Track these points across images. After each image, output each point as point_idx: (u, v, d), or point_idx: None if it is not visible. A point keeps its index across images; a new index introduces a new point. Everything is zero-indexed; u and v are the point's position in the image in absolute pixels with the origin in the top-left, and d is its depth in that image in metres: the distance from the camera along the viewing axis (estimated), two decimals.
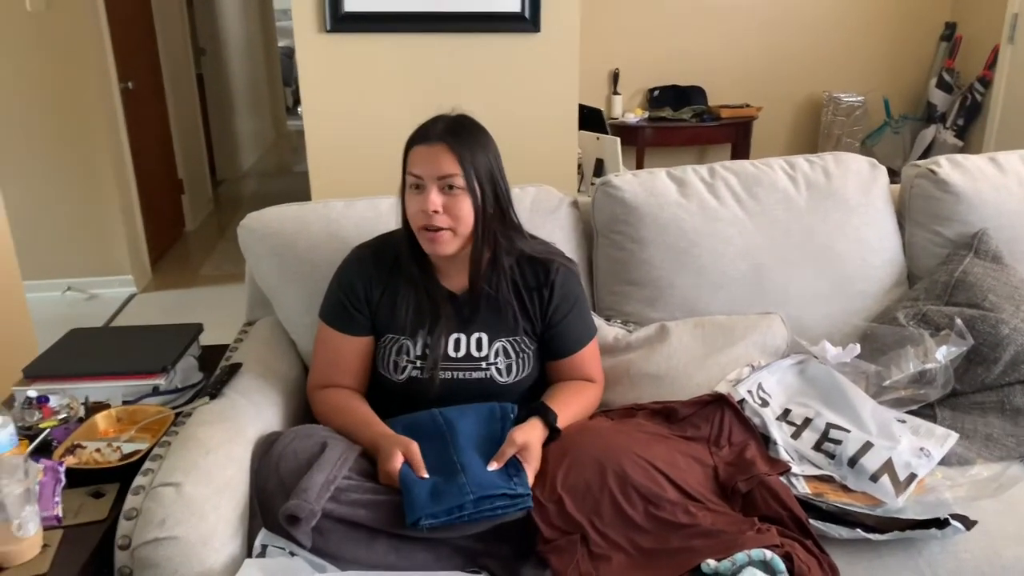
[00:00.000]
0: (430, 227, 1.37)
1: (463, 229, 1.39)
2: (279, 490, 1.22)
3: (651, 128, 4.55)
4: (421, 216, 1.38)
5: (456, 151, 1.36)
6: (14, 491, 1.08)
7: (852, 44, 4.79)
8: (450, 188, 1.37)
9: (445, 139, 1.37)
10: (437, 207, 1.36)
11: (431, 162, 1.36)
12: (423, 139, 1.39)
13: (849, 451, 1.40)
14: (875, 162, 1.91)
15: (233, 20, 6.74)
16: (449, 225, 1.37)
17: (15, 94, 3.65)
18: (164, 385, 1.55)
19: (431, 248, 1.41)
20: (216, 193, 6.11)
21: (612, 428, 1.43)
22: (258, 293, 1.77)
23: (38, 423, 1.41)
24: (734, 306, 1.76)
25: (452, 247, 1.40)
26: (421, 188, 1.38)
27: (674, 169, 1.86)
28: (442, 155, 1.36)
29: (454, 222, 1.38)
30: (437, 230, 1.37)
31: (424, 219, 1.37)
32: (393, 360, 1.47)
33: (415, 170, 1.38)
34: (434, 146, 1.37)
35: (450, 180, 1.36)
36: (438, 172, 1.36)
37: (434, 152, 1.37)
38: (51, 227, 3.89)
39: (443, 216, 1.37)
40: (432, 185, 1.36)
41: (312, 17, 2.65)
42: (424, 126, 1.42)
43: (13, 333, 2.49)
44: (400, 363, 1.46)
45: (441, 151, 1.36)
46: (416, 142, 1.40)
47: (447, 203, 1.37)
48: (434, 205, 1.36)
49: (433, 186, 1.36)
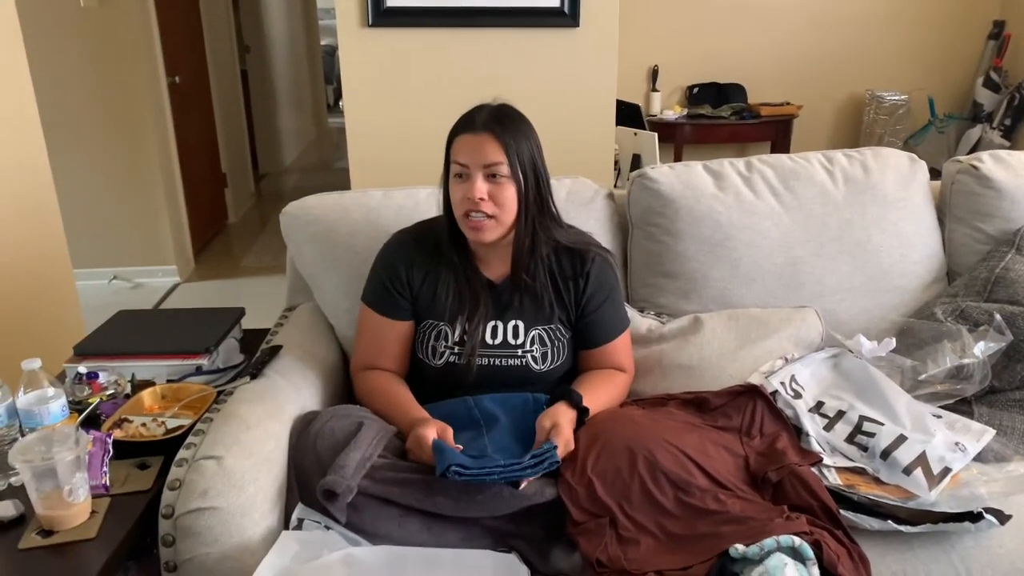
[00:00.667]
0: (474, 214, 1.39)
1: (506, 217, 1.41)
2: (316, 466, 1.26)
3: (690, 125, 4.54)
4: (465, 203, 1.40)
5: (501, 140, 1.38)
6: (66, 458, 1.13)
7: (896, 42, 4.72)
8: (494, 176, 1.39)
9: (490, 127, 1.39)
10: (483, 195, 1.38)
11: (476, 151, 1.38)
12: (468, 128, 1.41)
13: (882, 444, 1.39)
14: (915, 157, 1.89)
15: (277, 18, 6.85)
16: (493, 212, 1.39)
17: (67, 87, 3.76)
18: (207, 365, 1.60)
19: (474, 235, 1.43)
20: (258, 187, 6.22)
21: (643, 416, 1.44)
22: (299, 279, 1.81)
23: (87, 398, 1.47)
24: (769, 299, 1.76)
25: (495, 234, 1.42)
26: (466, 176, 1.40)
27: (711, 162, 1.86)
28: (487, 143, 1.38)
29: (498, 209, 1.40)
30: (481, 217, 1.39)
31: (468, 206, 1.39)
32: (431, 345, 1.49)
33: (460, 158, 1.40)
34: (479, 135, 1.39)
35: (495, 168, 1.38)
36: (483, 160, 1.38)
37: (479, 141, 1.39)
38: (99, 217, 4.00)
39: (488, 203, 1.39)
40: (477, 173, 1.38)
41: (355, 12, 2.69)
42: (468, 115, 1.44)
43: (63, 317, 2.57)
44: (438, 348, 1.49)
45: (486, 140, 1.38)
46: (461, 131, 1.42)
47: (491, 191, 1.39)
48: (479, 193, 1.38)
49: (478, 174, 1.38)
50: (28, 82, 2.44)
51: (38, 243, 2.46)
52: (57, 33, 3.67)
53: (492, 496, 1.25)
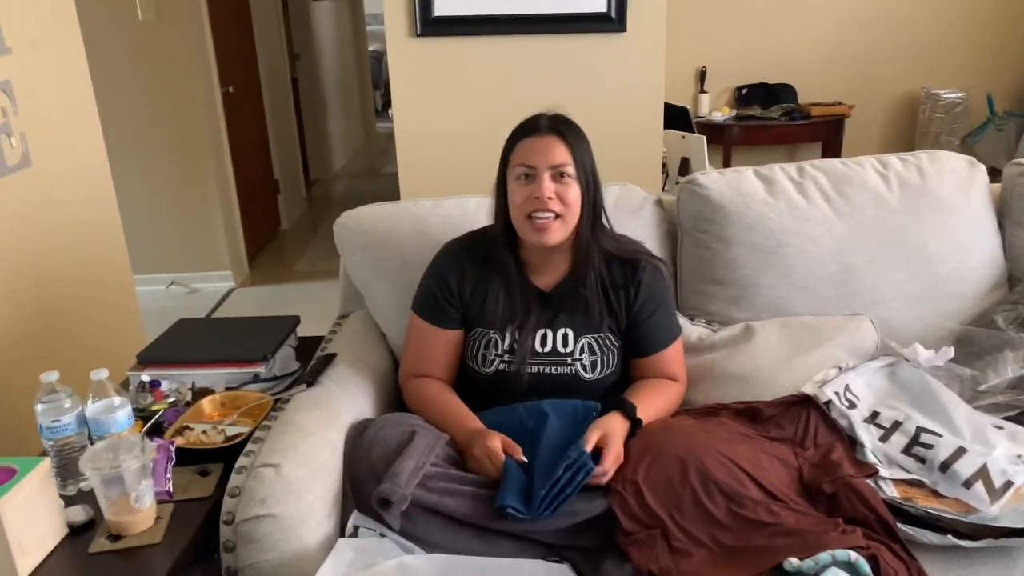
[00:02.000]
0: (540, 214, 1.40)
1: (571, 218, 1.43)
2: (370, 474, 1.28)
3: (739, 127, 4.49)
4: (531, 204, 1.41)
5: (567, 141, 1.42)
6: (132, 465, 1.17)
7: (952, 38, 4.59)
8: (561, 176, 1.41)
9: (556, 130, 1.43)
10: (551, 193, 1.40)
11: (544, 151, 1.41)
12: (532, 131, 1.44)
13: (941, 456, 1.37)
14: (973, 160, 1.85)
15: (326, 26, 6.96)
16: (560, 211, 1.41)
17: (126, 96, 3.88)
18: (264, 373, 1.64)
19: (538, 237, 1.43)
20: (309, 193, 6.33)
21: (695, 426, 1.43)
22: (351, 287, 1.85)
23: (150, 405, 1.52)
24: (821, 307, 1.73)
25: (559, 236, 1.44)
26: (532, 177, 1.42)
27: (761, 168, 1.84)
28: (554, 144, 1.41)
29: (565, 209, 1.42)
30: (548, 217, 1.40)
31: (535, 206, 1.41)
32: (481, 353, 1.51)
33: (526, 160, 1.42)
34: (546, 136, 1.42)
35: (562, 168, 1.41)
36: (551, 160, 1.40)
37: (546, 142, 1.41)
38: (157, 224, 4.12)
39: (555, 202, 1.40)
40: (545, 173, 1.40)
41: (403, 22, 2.73)
42: (529, 121, 1.46)
43: (125, 322, 2.66)
44: (488, 356, 1.50)
45: (553, 141, 1.41)
46: (523, 135, 1.45)
47: (558, 190, 1.41)
48: (548, 191, 1.40)
49: (546, 174, 1.40)
50: (90, 94, 2.53)
51: (101, 251, 2.55)
52: (117, 46, 3.79)
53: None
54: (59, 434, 1.28)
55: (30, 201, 2.17)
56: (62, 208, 2.33)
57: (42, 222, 2.22)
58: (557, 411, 1.43)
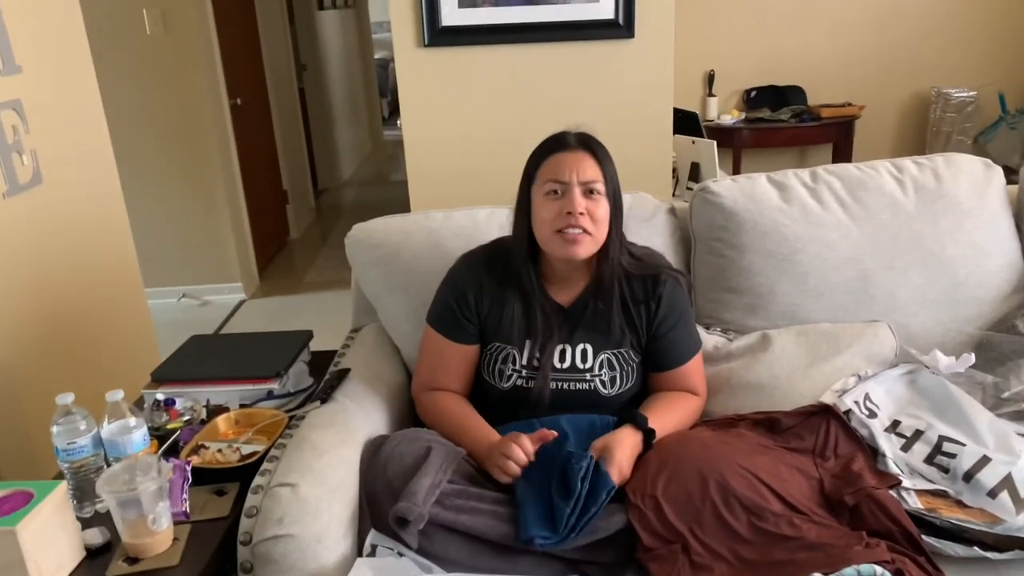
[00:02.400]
0: (572, 230, 1.40)
1: (600, 234, 1.43)
2: (387, 492, 1.27)
3: (748, 130, 4.47)
4: (562, 219, 1.40)
5: (597, 157, 1.42)
6: (149, 488, 1.17)
7: (962, 36, 4.56)
8: (591, 192, 1.41)
9: (586, 146, 1.43)
10: (583, 208, 1.39)
11: (574, 167, 1.41)
12: (561, 147, 1.44)
13: (964, 465, 1.35)
14: (989, 162, 1.83)
15: (332, 35, 6.98)
16: (590, 228, 1.40)
17: (135, 111, 3.89)
18: (278, 389, 1.63)
19: (568, 250, 1.42)
20: (318, 202, 6.34)
21: (713, 438, 1.42)
22: (363, 300, 1.84)
23: (165, 424, 1.52)
24: (838, 314, 1.72)
25: (589, 250, 1.43)
26: (562, 192, 1.41)
27: (775, 174, 1.83)
28: (585, 160, 1.41)
29: (595, 226, 1.41)
30: (579, 232, 1.40)
31: (567, 221, 1.40)
32: (499, 368, 1.50)
33: (557, 176, 1.41)
34: (576, 152, 1.42)
35: (593, 185, 1.41)
36: (583, 176, 1.40)
37: (577, 158, 1.41)
38: (167, 237, 4.13)
39: (585, 218, 1.40)
40: (575, 188, 1.40)
41: (410, 33, 2.73)
42: (555, 137, 1.46)
43: (138, 337, 2.66)
44: (505, 371, 1.49)
45: (583, 157, 1.42)
46: (552, 151, 1.44)
47: (588, 207, 1.40)
48: (580, 207, 1.39)
49: (576, 189, 1.40)
50: (100, 110, 2.54)
51: (113, 267, 2.55)
52: (125, 59, 3.81)
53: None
54: (75, 456, 1.28)
55: (42, 218, 2.18)
56: (74, 225, 2.33)
57: (54, 239, 2.23)
58: (574, 426, 1.42)
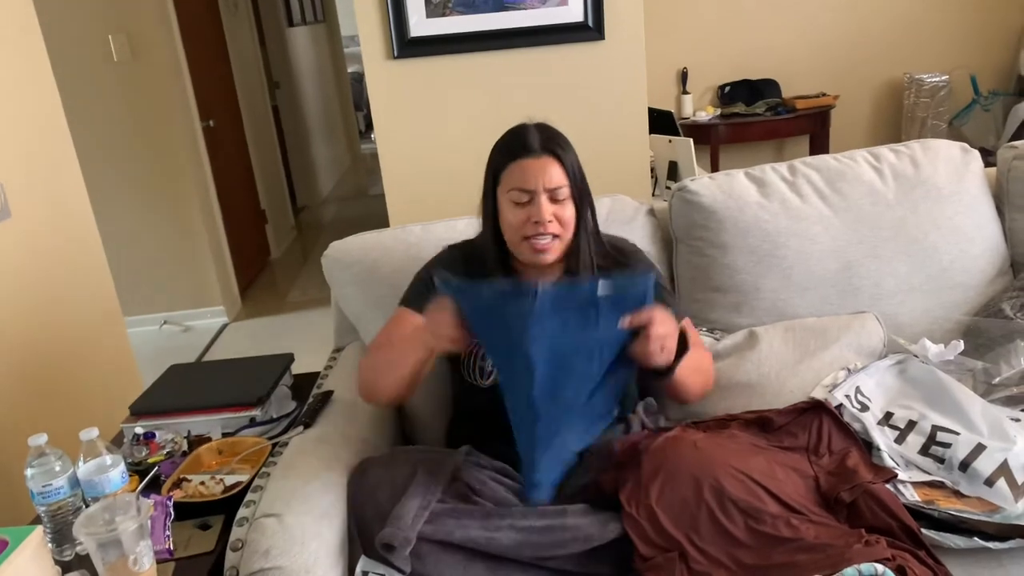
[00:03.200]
0: (540, 238, 1.38)
1: (567, 235, 1.42)
2: (376, 516, 1.24)
3: (724, 125, 4.47)
4: (530, 227, 1.38)
5: (561, 161, 1.39)
6: (129, 527, 1.13)
7: (932, 21, 4.59)
8: (557, 199, 1.39)
9: (549, 149, 1.39)
10: (550, 216, 1.38)
11: (540, 175, 1.38)
12: (524, 152, 1.39)
13: (960, 454, 1.33)
14: (967, 147, 1.82)
15: (304, 52, 6.95)
16: (558, 232, 1.39)
17: (106, 138, 3.84)
18: (260, 416, 1.60)
19: (536, 257, 1.41)
20: (298, 220, 6.30)
21: (705, 440, 1.39)
22: (344, 320, 1.81)
23: (146, 458, 1.48)
24: (824, 307, 1.70)
25: (557, 254, 1.42)
26: (528, 201, 1.39)
27: (752, 169, 1.81)
28: (550, 166, 1.38)
29: (562, 229, 1.40)
30: (548, 239, 1.39)
31: (535, 229, 1.38)
32: (479, 365, 1.48)
33: (522, 184, 1.38)
34: (541, 158, 1.39)
35: (559, 192, 1.38)
36: (549, 184, 1.38)
37: (541, 164, 1.38)
38: (146, 264, 4.07)
39: (554, 224, 1.38)
40: (542, 196, 1.38)
41: (380, 45, 2.70)
42: (517, 138, 1.42)
43: (118, 366, 2.61)
44: (486, 368, 1.47)
45: (548, 163, 1.38)
46: (515, 156, 1.40)
47: (556, 212, 1.39)
48: (548, 214, 1.37)
49: (543, 197, 1.38)
50: (68, 139, 2.49)
51: (90, 298, 2.51)
52: (93, 88, 3.76)
53: (556, 541, 1.22)
54: (51, 499, 1.24)
55: (12, 253, 2.13)
56: (46, 257, 2.29)
57: (24, 274, 2.18)
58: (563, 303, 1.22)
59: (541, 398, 1.20)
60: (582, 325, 1.21)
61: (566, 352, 1.21)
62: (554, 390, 1.21)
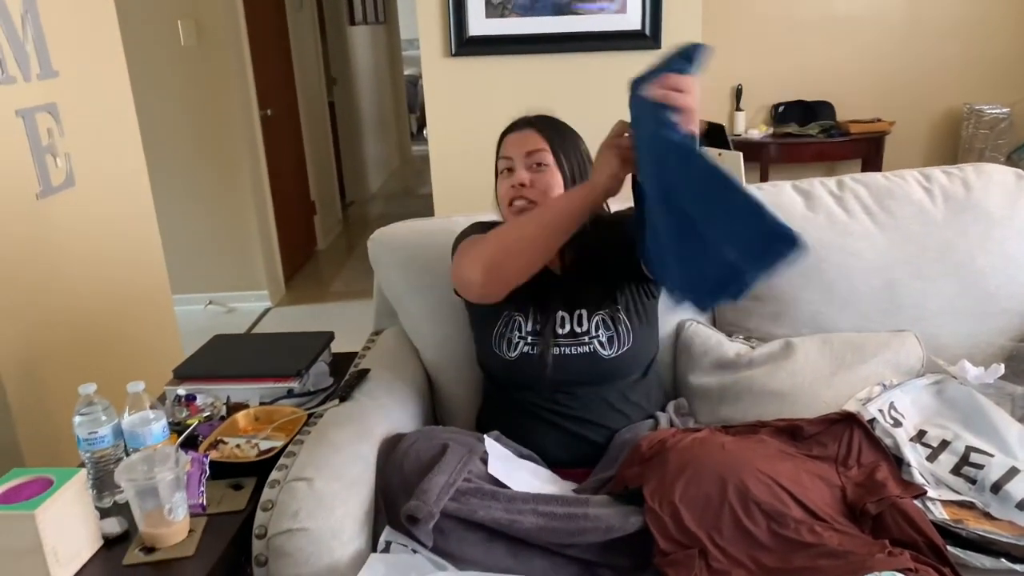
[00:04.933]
0: (517, 201, 1.45)
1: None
2: (403, 489, 1.27)
3: (776, 144, 4.43)
4: (510, 192, 1.46)
5: (543, 132, 1.48)
6: (166, 477, 1.17)
7: (994, 52, 4.50)
8: (538, 165, 1.45)
9: (533, 124, 1.50)
10: (524, 181, 1.44)
11: (519, 143, 1.47)
12: (513, 128, 1.52)
13: (993, 476, 1.31)
14: (1021, 173, 1.79)
15: (363, 51, 7.07)
16: (536, 198, 1.44)
17: (167, 119, 3.97)
18: (298, 388, 1.64)
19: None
20: (345, 214, 6.40)
21: (733, 443, 1.39)
22: (385, 304, 1.84)
23: (186, 419, 1.53)
24: (864, 323, 1.69)
25: None
26: (511, 170, 1.47)
27: (800, 182, 1.81)
28: (529, 136, 1.47)
29: (541, 196, 1.44)
30: (524, 204, 1.44)
31: (513, 194, 1.45)
32: (507, 337, 1.51)
33: (505, 153, 1.49)
34: (523, 131, 1.49)
35: (538, 157, 1.45)
36: (525, 149, 1.46)
37: (523, 135, 1.49)
38: (195, 244, 4.18)
39: (530, 189, 1.44)
40: (520, 163, 1.46)
41: (438, 42, 2.75)
42: (513, 121, 1.54)
43: (163, 340, 2.69)
44: (513, 339, 1.51)
45: (529, 133, 1.48)
46: (506, 133, 1.52)
47: (535, 179, 1.45)
48: (521, 179, 1.44)
49: (521, 164, 1.46)
50: (133, 117, 2.59)
51: (141, 270, 2.59)
52: (159, 70, 3.88)
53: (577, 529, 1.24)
54: (96, 446, 1.29)
55: (74, 220, 2.22)
56: (104, 227, 2.37)
57: (84, 240, 2.27)
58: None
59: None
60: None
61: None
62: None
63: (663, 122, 1.12)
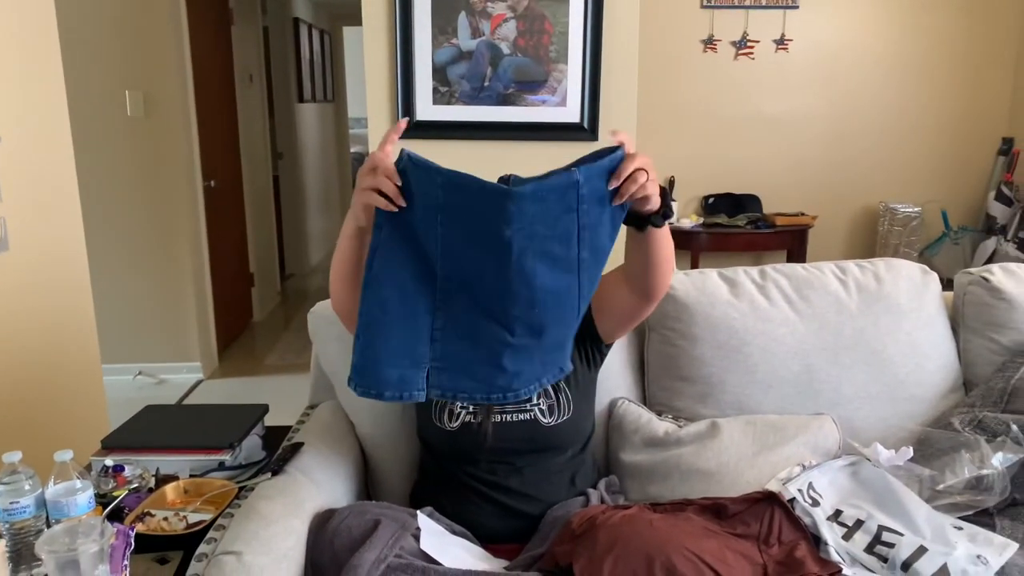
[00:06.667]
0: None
1: None
2: (332, 565, 1.26)
3: (706, 234, 4.63)
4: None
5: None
6: (90, 549, 1.15)
7: (908, 156, 4.85)
8: None
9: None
10: None
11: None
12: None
13: (902, 555, 1.38)
14: (927, 268, 1.93)
15: (310, 128, 7.17)
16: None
17: (110, 187, 3.95)
18: (229, 461, 1.62)
19: None
20: (284, 286, 6.36)
21: (661, 520, 1.43)
22: (322, 378, 1.85)
23: (112, 491, 1.50)
24: (785, 406, 1.77)
25: None
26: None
27: (725, 270, 1.91)
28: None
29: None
30: None
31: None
32: (448, 408, 1.54)
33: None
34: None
35: None
36: None
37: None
38: (130, 313, 4.11)
39: None
40: None
41: (386, 125, 2.84)
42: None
43: (90, 410, 2.62)
44: (455, 410, 1.53)
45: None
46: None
47: None
48: None
49: None
50: (74, 185, 2.58)
51: (71, 339, 2.54)
52: (105, 138, 3.89)
53: None
54: (16, 517, 1.26)
55: (6, 285, 2.18)
56: (37, 293, 2.34)
57: (16, 305, 2.22)
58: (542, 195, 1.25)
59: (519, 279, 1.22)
60: (562, 210, 1.25)
61: (544, 237, 1.24)
62: (530, 277, 1.24)
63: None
